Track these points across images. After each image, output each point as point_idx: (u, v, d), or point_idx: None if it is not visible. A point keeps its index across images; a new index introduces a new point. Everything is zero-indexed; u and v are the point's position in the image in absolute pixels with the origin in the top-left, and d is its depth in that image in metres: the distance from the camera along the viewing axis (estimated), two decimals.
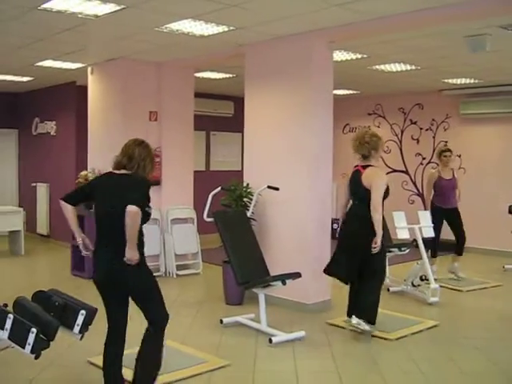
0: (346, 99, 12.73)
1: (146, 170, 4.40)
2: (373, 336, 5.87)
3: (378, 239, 5.67)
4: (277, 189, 6.87)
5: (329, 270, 6.20)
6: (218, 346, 5.60)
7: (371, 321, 5.87)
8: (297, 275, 5.98)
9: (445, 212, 8.63)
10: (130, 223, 3.86)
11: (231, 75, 10.16)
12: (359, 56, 8.24)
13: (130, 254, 3.94)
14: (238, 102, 11.22)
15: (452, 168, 8.91)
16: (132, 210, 3.85)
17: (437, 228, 8.32)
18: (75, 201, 4.39)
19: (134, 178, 4.24)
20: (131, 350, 5.14)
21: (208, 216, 6.92)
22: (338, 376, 4.86)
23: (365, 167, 5.96)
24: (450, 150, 8.84)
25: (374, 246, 5.67)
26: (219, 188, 7.35)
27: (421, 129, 12.35)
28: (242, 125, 7.82)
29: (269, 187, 6.89)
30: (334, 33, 6.63)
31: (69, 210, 4.35)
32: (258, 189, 7.06)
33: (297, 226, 6.87)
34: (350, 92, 12.27)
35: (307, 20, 6.27)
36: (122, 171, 4.33)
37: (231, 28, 6.67)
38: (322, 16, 6.09)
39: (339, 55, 8.06)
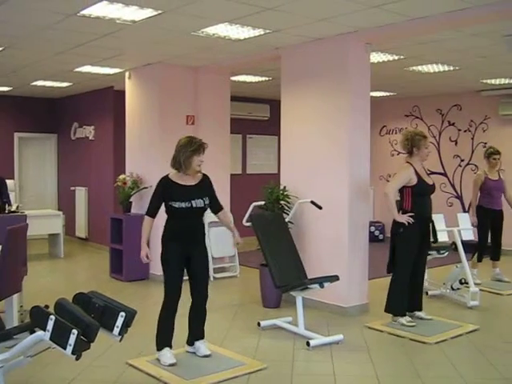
0: (382, 101, 12.65)
1: (171, 164, 5.11)
2: (412, 340, 5.81)
3: (396, 218, 6.13)
4: (320, 207, 6.72)
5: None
6: (256, 349, 5.60)
7: (390, 313, 6.21)
8: (335, 278, 5.95)
9: (492, 214, 8.49)
10: None
11: (267, 78, 10.17)
12: (396, 57, 8.18)
13: None
14: (274, 105, 11.26)
15: (498, 169, 8.74)
16: None
17: (485, 231, 8.22)
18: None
19: None
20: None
21: (247, 221, 6.93)
22: (376, 380, 4.81)
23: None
24: (499, 153, 8.65)
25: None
26: (262, 202, 7.31)
27: (459, 130, 12.19)
28: (278, 128, 7.81)
29: (312, 202, 6.74)
30: (371, 34, 6.59)
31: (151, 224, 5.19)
32: (301, 200, 6.92)
33: (334, 229, 6.83)
34: (387, 94, 12.17)
35: (344, 22, 6.25)
36: None
37: (267, 31, 6.68)
38: (358, 17, 6.06)
39: (376, 57, 8.01)
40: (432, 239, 6.38)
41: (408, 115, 13.00)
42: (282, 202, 7.25)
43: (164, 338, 5.13)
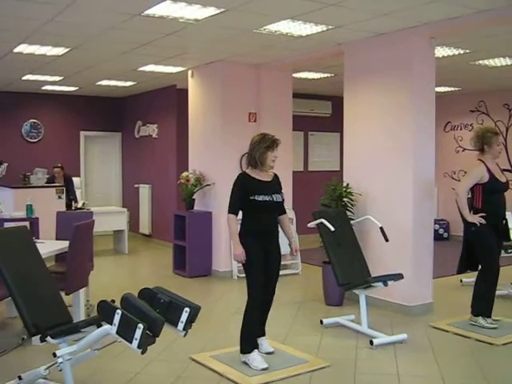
0: (446, 96, 12.39)
1: (247, 162, 5.19)
2: (478, 341, 5.68)
3: (468, 218, 6.01)
4: (386, 240, 6.30)
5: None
6: (319, 347, 5.58)
7: (475, 312, 6.02)
8: (399, 276, 5.87)
9: None
10: None
11: (329, 75, 10.11)
12: (462, 51, 8.00)
13: None
14: (336, 102, 11.18)
15: None
16: None
17: None
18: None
19: None
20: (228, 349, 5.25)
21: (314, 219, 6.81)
22: (441, 381, 4.71)
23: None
24: None
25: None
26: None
27: None
28: (340, 125, 7.75)
29: (381, 230, 6.32)
30: (436, 28, 6.45)
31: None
32: (371, 218, 6.57)
33: (398, 227, 6.73)
34: (452, 89, 11.91)
35: (408, 16, 6.14)
36: None
37: (330, 27, 6.63)
38: (423, 11, 5.94)
39: (440, 51, 7.84)
40: (505, 238, 6.21)
41: (473, 110, 12.69)
42: (344, 200, 7.19)
43: (253, 341, 5.06)
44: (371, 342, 5.53)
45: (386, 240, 6.25)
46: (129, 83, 11.26)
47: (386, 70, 6.93)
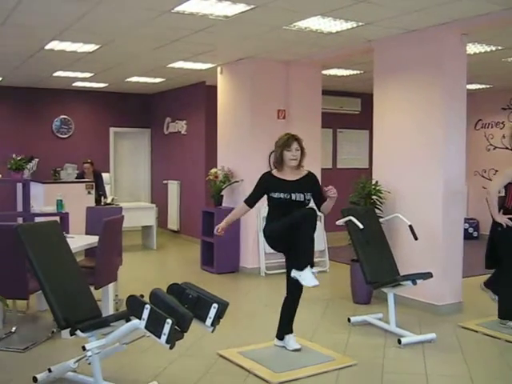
0: (478, 94, 12.23)
1: (273, 163, 5.38)
2: (508, 341, 5.60)
3: (496, 218, 5.93)
4: (416, 238, 6.23)
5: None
6: (346, 345, 5.55)
7: (506, 318, 5.93)
8: (428, 275, 5.82)
9: None
10: None
11: (359, 72, 10.05)
12: (494, 48, 7.89)
13: None
14: (366, 99, 11.13)
15: None
16: None
17: None
18: None
19: None
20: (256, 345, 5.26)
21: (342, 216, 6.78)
22: (470, 381, 4.66)
23: None
24: None
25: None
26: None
27: None
28: (369, 122, 7.70)
29: (410, 228, 6.24)
30: (468, 25, 6.38)
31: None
32: (400, 216, 6.50)
33: (427, 225, 6.67)
34: (483, 86, 11.76)
35: (439, 12, 6.08)
36: None
37: (360, 23, 6.59)
38: (454, 7, 5.87)
39: (472, 48, 7.75)
40: None
41: (505, 108, 12.52)
42: (373, 197, 7.15)
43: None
44: (399, 341, 5.49)
45: (416, 238, 6.19)
46: (158, 80, 11.32)
47: (417, 67, 6.86)
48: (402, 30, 6.83)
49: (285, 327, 5.29)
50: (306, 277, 4.85)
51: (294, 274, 4.89)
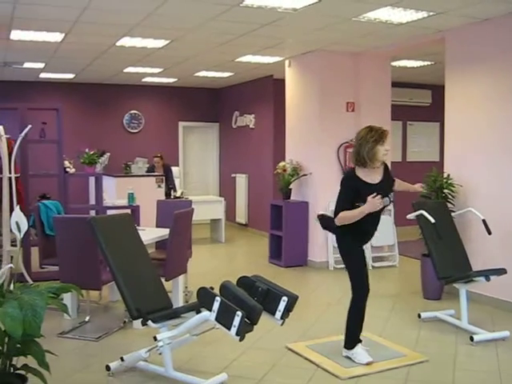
0: None
1: (354, 162, 4.75)
2: None
3: None
4: (489, 232, 6.00)
5: None
6: (416, 341, 5.46)
7: None
8: (502, 271, 5.66)
9: None
10: None
11: (429, 63, 9.84)
12: None
13: None
14: (436, 91, 10.90)
15: None
16: None
17: None
18: None
19: None
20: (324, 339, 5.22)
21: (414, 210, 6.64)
22: None
23: None
24: None
25: None
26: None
27: None
28: (440, 114, 7.54)
29: (483, 222, 6.03)
30: None
31: None
32: (473, 210, 6.30)
33: (501, 219, 6.46)
34: None
35: None
36: None
37: (431, 13, 6.43)
38: None
39: None
40: None
41: None
42: (445, 191, 7.00)
43: (356, 336, 4.94)
44: (471, 338, 5.35)
45: (489, 233, 6.02)
46: (226, 74, 11.39)
47: (492, 57, 6.65)
48: (475, 18, 6.63)
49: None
50: (359, 354, 4.84)
51: (346, 353, 4.89)
